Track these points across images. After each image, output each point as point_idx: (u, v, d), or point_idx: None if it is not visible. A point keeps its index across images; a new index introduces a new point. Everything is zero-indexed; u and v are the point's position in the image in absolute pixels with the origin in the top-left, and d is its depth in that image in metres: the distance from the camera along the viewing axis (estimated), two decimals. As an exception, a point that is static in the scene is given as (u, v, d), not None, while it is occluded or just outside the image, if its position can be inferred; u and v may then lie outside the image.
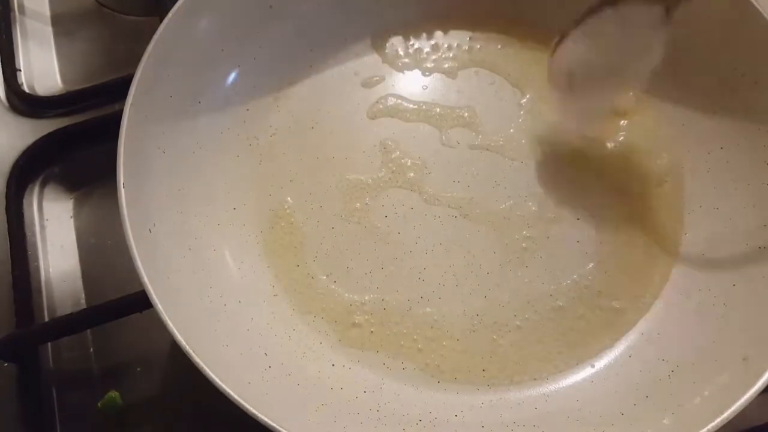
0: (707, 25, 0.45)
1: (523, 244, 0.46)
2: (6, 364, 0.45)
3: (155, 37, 0.42)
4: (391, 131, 0.50)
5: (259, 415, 0.33)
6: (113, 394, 0.44)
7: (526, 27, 0.52)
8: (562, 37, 0.44)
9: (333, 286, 0.45)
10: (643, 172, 0.48)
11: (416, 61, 0.52)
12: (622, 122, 0.49)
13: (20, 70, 0.57)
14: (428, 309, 0.44)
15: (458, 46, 0.53)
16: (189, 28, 0.44)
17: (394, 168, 0.48)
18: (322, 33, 0.51)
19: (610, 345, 0.43)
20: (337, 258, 0.45)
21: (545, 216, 0.46)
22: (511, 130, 0.49)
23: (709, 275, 0.43)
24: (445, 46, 0.53)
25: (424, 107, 0.50)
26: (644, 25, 0.41)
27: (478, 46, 0.52)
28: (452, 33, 0.53)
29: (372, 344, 0.43)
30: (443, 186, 0.48)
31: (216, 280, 0.43)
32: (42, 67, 0.58)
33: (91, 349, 0.46)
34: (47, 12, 0.62)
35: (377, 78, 0.51)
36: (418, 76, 0.52)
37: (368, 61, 0.52)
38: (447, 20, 0.53)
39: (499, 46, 0.52)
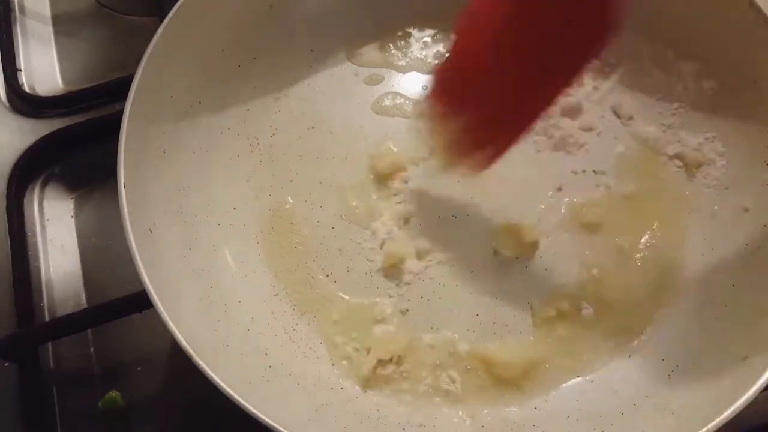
0: (707, 26, 0.45)
1: (523, 245, 0.46)
2: (7, 364, 0.45)
3: (155, 37, 0.42)
4: (391, 131, 0.50)
5: (260, 414, 0.33)
6: (114, 393, 0.44)
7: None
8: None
9: (333, 286, 0.45)
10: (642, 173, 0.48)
11: (416, 61, 0.52)
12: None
13: (21, 71, 0.57)
14: (428, 309, 0.44)
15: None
16: (189, 28, 0.44)
17: (394, 168, 0.48)
18: (322, 33, 0.51)
19: (609, 345, 0.42)
20: (337, 258, 0.45)
21: (545, 216, 0.46)
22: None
23: (708, 275, 0.43)
24: (445, 46, 0.53)
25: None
26: None
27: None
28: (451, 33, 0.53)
29: (372, 344, 0.43)
30: (443, 185, 0.47)
31: (216, 280, 0.43)
32: (42, 67, 0.58)
33: (92, 349, 0.46)
34: (48, 12, 0.62)
35: (377, 78, 0.51)
36: (417, 75, 0.52)
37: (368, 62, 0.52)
38: (447, 20, 0.53)
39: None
